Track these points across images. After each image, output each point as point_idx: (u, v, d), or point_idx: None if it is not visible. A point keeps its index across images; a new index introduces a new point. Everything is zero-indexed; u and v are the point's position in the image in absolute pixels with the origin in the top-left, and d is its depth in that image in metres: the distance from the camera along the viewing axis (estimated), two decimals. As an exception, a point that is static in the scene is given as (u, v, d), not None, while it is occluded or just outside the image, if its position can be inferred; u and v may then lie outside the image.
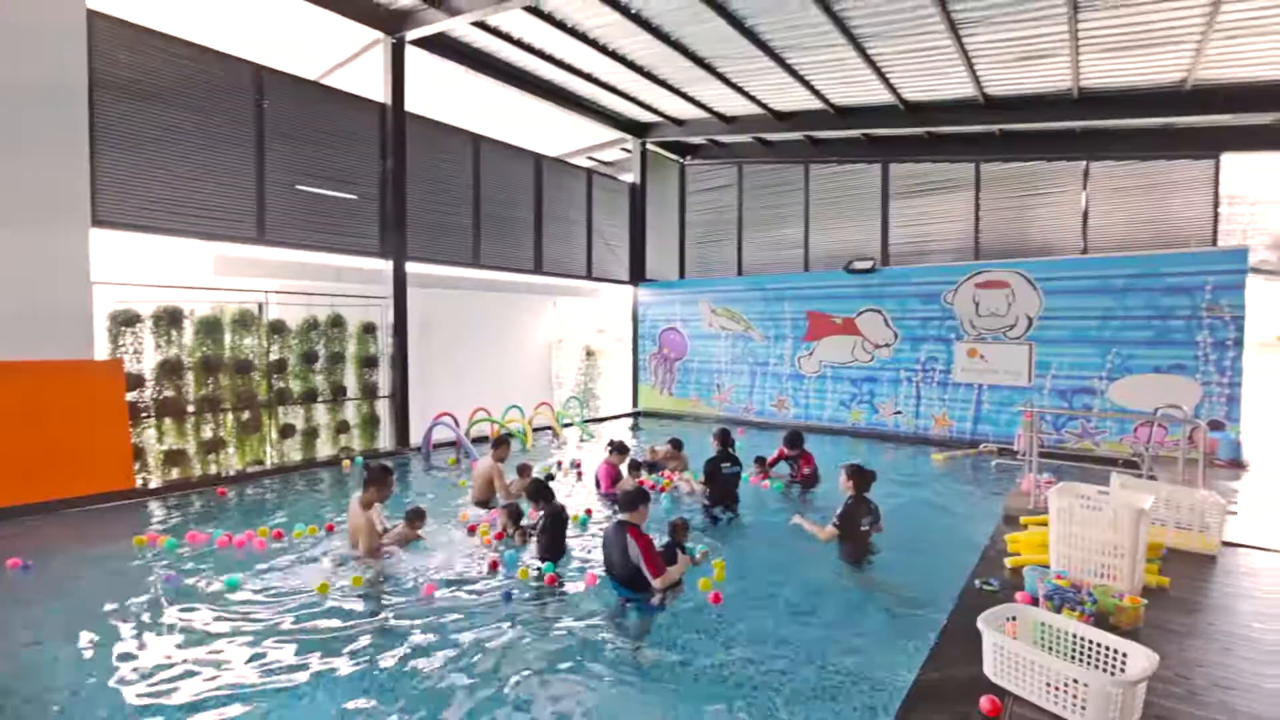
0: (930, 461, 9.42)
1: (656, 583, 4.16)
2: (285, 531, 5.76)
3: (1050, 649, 2.62)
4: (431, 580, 4.59)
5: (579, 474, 8.43)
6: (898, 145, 12.52)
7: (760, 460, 8.11)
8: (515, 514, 5.53)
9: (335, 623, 4.05)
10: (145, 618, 4.12)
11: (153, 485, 7.32)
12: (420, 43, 9.63)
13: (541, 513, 5.17)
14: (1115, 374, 9.48)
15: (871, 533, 5.23)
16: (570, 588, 4.61)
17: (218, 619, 4.10)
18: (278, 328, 8.58)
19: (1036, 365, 10.03)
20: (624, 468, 7.45)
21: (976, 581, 3.99)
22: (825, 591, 4.60)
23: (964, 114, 10.75)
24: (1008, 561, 4.17)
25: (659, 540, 4.68)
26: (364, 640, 3.82)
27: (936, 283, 10.85)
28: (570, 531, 5.46)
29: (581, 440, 11.26)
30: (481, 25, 9.48)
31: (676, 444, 8.49)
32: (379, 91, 9.67)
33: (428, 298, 11.35)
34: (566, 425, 11.80)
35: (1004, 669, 2.51)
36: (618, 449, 7.55)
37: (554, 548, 5.04)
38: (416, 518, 5.63)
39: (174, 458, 7.58)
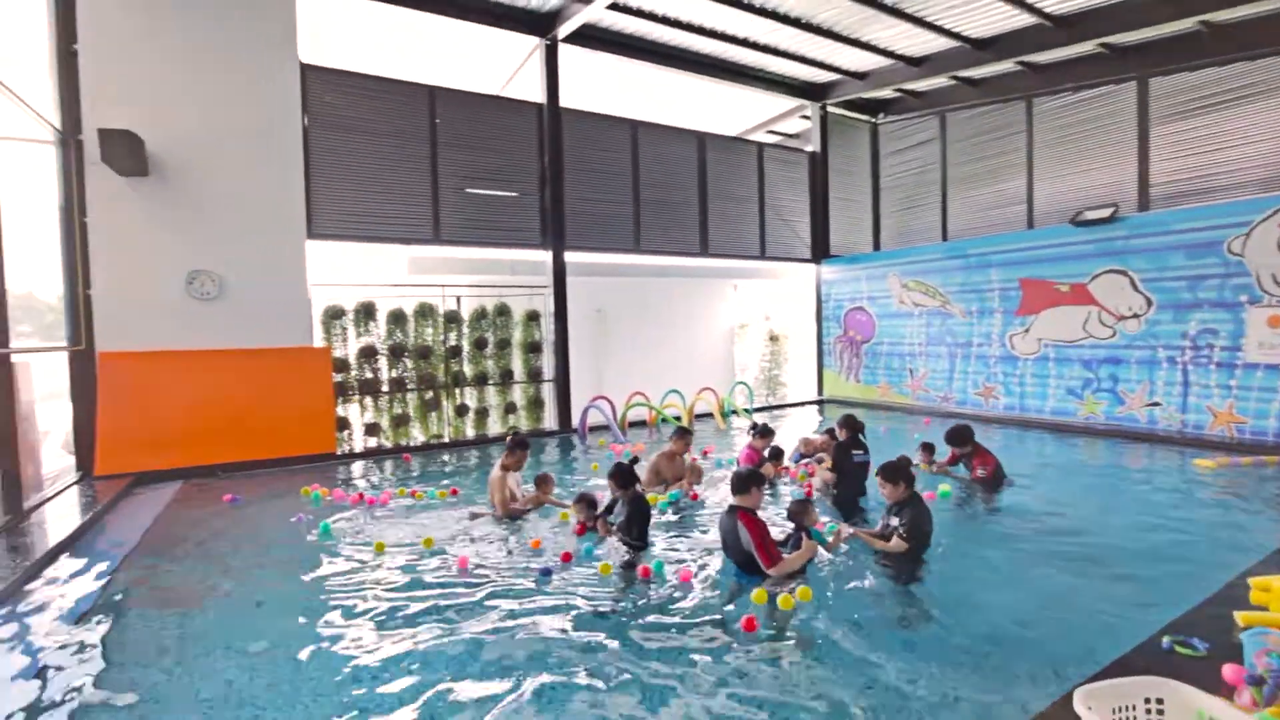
0: (1193, 468, 6.93)
1: (772, 571, 3.90)
2: (423, 492, 6.44)
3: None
4: (464, 554, 4.61)
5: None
6: (1159, 51, 9.47)
7: (928, 448, 6.81)
8: (591, 504, 5.12)
9: (392, 576, 4.32)
10: (264, 544, 5.03)
11: (352, 450, 8.78)
12: (575, 40, 9.98)
13: (615, 498, 4.90)
14: None
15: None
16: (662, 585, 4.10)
17: (297, 554, 4.82)
18: (453, 317, 9.65)
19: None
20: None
21: (1166, 639, 2.85)
22: (926, 623, 3.56)
23: (1262, -13, 7.69)
24: (1239, 616, 3.00)
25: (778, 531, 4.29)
26: (394, 598, 3.99)
27: (1214, 227, 7.92)
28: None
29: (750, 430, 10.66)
30: (625, 9, 9.49)
31: (833, 434, 7.56)
32: (542, 92, 10.26)
33: (604, 285, 11.80)
34: (731, 413, 11.30)
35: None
36: (761, 432, 6.97)
37: (641, 538, 4.69)
38: (544, 483, 5.90)
39: (371, 429, 9.01)
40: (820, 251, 13.37)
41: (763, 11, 9.47)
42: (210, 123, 7.75)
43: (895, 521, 4.34)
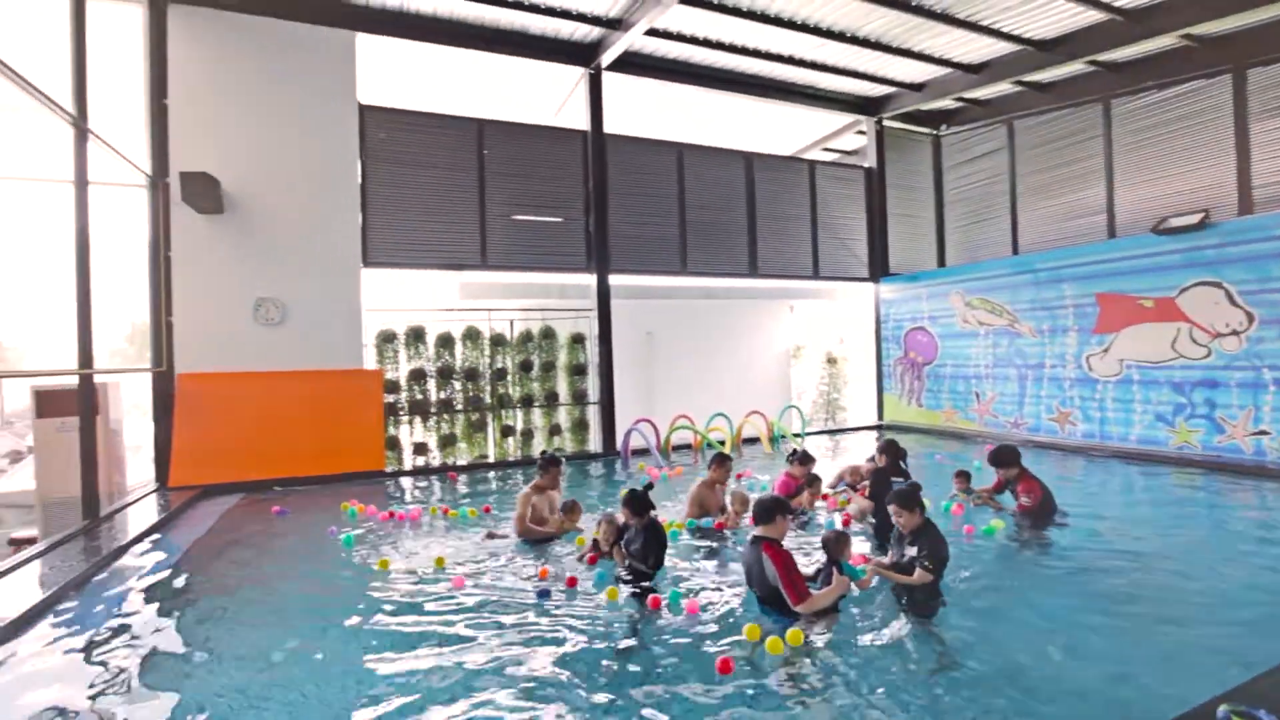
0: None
1: (800, 608, 3.59)
2: (454, 510, 6.59)
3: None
4: (463, 575, 4.59)
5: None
6: (1253, 39, 8.56)
7: (963, 476, 6.27)
8: (621, 531, 4.83)
9: (384, 594, 4.40)
10: (291, 554, 5.27)
11: (400, 468, 9.11)
12: (619, 68, 10.18)
13: (628, 524, 4.72)
14: None
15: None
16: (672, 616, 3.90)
17: (315, 565, 5.01)
18: (499, 340, 9.92)
19: None
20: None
21: (1223, 709, 2.51)
22: (955, 674, 3.22)
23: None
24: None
25: (807, 563, 4.04)
26: (383, 614, 4.05)
27: (1328, 231, 6.98)
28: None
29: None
30: (665, 34, 9.62)
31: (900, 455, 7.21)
32: (587, 120, 10.50)
33: (655, 308, 11.85)
34: (780, 438, 10.92)
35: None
36: (800, 459, 6.70)
37: (658, 566, 4.48)
38: (572, 510, 5.83)
39: (419, 448, 9.34)
40: (879, 270, 12.83)
41: (805, 28, 9.33)
42: (278, 163, 8.43)
43: (913, 551, 3.99)
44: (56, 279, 6.39)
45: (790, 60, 10.54)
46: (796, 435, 11.14)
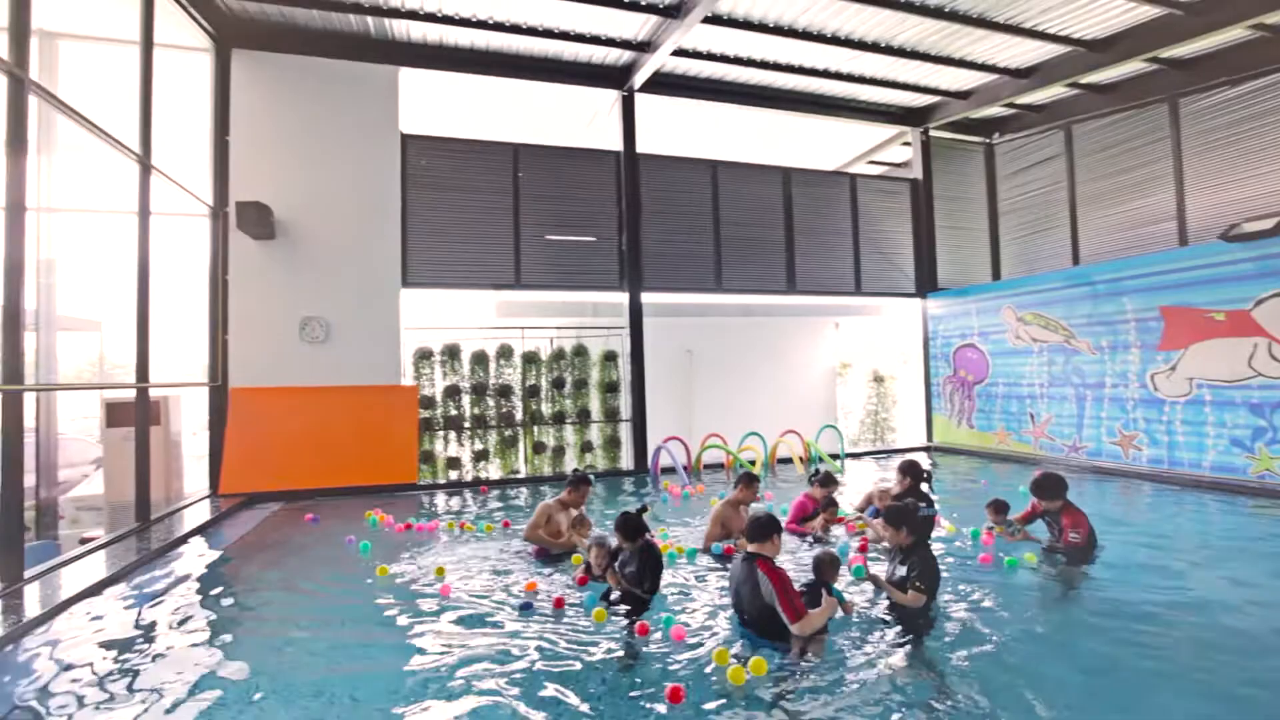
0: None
1: (796, 628, 3.46)
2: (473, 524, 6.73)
3: None
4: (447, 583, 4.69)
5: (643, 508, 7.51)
6: (1343, 28, 7.78)
7: (998, 507, 5.85)
8: (614, 554, 4.72)
9: (374, 599, 4.53)
10: (310, 557, 5.42)
11: (431, 481, 9.38)
12: (652, 89, 10.32)
13: (619, 548, 4.63)
14: None
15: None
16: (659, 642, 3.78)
17: (326, 569, 5.16)
18: (531, 358, 10.12)
19: None
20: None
21: None
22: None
23: None
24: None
25: (797, 578, 3.89)
26: (368, 623, 4.16)
27: None
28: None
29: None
30: (695, 54, 9.70)
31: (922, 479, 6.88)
32: (620, 140, 10.66)
33: (694, 325, 11.81)
34: (817, 459, 10.56)
35: None
36: (822, 480, 6.48)
37: (654, 590, 4.36)
38: (580, 524, 5.82)
39: (452, 462, 9.60)
40: (926, 285, 12.31)
41: (836, 40, 9.19)
42: (325, 191, 8.99)
43: (904, 570, 3.78)
44: (134, 301, 7.00)
45: (826, 74, 10.39)
46: (835, 456, 10.75)
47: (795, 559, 5.23)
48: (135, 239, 6.70)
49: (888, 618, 3.91)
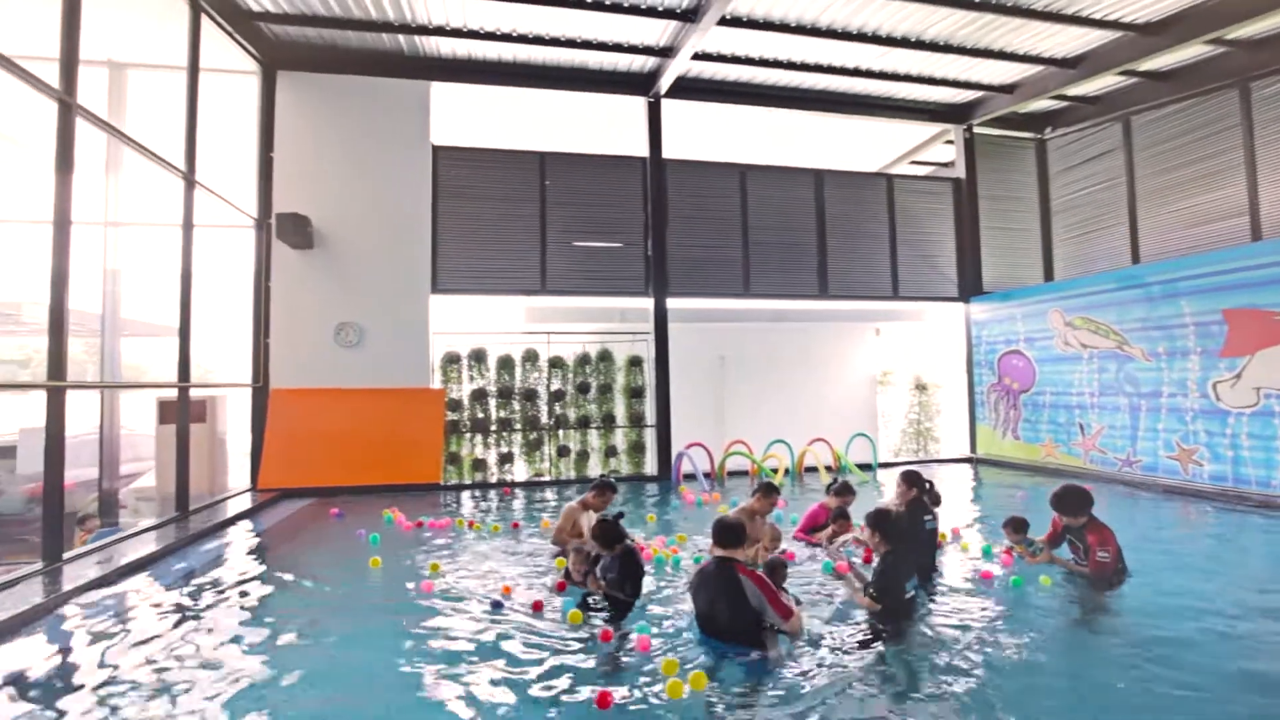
0: None
1: (789, 626, 3.54)
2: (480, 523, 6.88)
3: None
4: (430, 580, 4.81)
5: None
6: None
7: (1017, 525, 5.46)
8: (594, 560, 4.70)
9: (361, 590, 4.71)
10: (323, 549, 5.65)
11: (457, 482, 9.63)
12: (679, 94, 10.32)
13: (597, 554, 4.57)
14: None
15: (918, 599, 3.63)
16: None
17: (330, 559, 5.33)
18: (556, 363, 10.25)
19: None
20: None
21: None
22: None
23: None
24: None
25: None
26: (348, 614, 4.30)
27: None
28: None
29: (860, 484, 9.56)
30: (721, 57, 9.64)
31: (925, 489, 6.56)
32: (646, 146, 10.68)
33: (728, 331, 11.72)
34: (844, 469, 10.19)
35: None
36: (839, 490, 6.30)
37: (634, 595, 4.34)
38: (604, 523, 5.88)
39: (478, 464, 9.83)
40: (970, 289, 11.72)
41: (862, 37, 8.94)
42: (359, 201, 9.43)
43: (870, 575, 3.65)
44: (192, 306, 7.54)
45: (857, 72, 10.11)
46: (867, 467, 10.36)
47: (799, 569, 5.07)
48: (180, 250, 7.22)
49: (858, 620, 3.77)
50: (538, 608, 4.27)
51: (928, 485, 5.25)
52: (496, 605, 4.22)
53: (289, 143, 9.29)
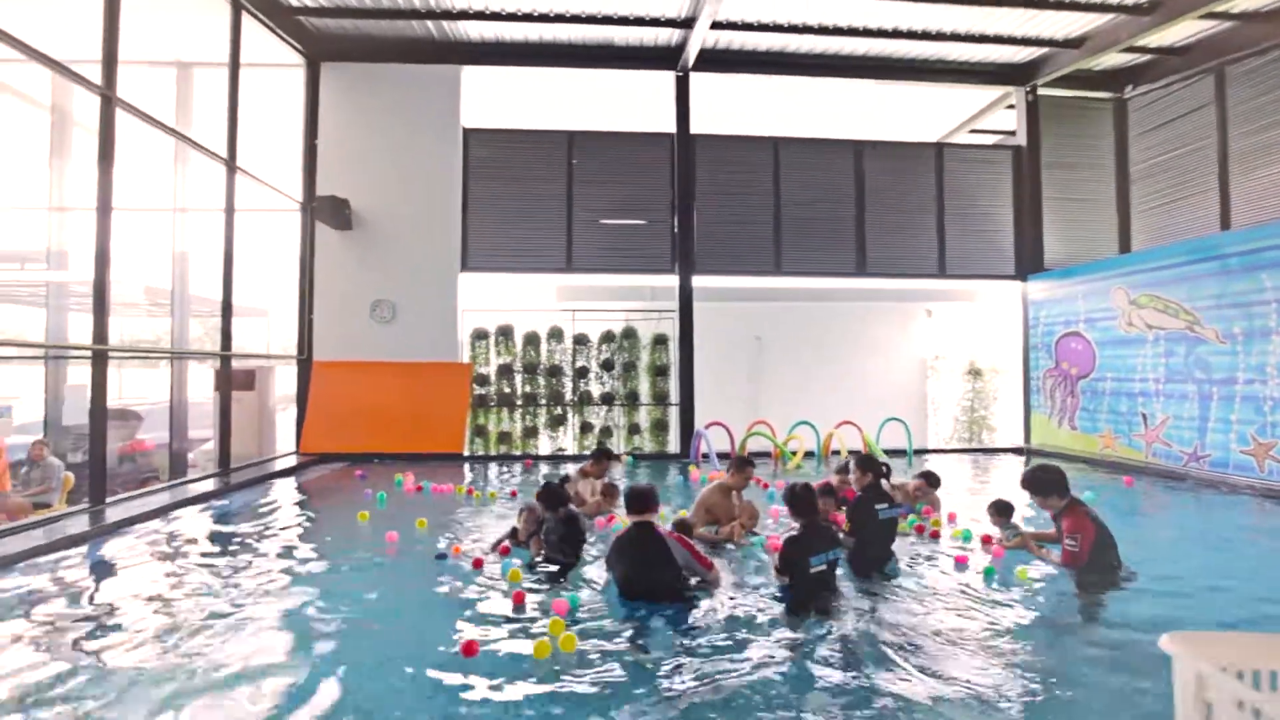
0: None
1: (712, 575, 3.94)
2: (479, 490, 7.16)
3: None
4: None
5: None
6: None
7: (1001, 509, 5.01)
8: (540, 523, 4.67)
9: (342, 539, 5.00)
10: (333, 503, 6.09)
11: (483, 453, 10.00)
12: (709, 66, 10.06)
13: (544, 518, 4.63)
14: None
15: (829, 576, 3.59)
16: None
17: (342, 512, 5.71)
18: (581, 340, 10.38)
19: None
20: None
21: None
22: None
23: None
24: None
25: None
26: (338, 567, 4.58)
27: None
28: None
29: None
30: (748, 25, 9.33)
31: (929, 478, 6.21)
32: (673, 122, 10.51)
33: (763, 310, 11.48)
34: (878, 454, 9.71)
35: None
36: (839, 469, 6.11)
37: (574, 555, 4.45)
38: (609, 493, 5.85)
39: (503, 437, 10.16)
40: (1029, 265, 10.76)
41: (898, -7, 8.34)
42: (394, 184, 9.90)
43: None
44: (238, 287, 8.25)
45: (898, 34, 9.47)
46: (901, 453, 9.83)
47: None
48: (222, 232, 7.89)
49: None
50: (478, 565, 4.40)
51: (884, 469, 4.86)
52: (440, 557, 4.42)
53: (330, 130, 9.88)
